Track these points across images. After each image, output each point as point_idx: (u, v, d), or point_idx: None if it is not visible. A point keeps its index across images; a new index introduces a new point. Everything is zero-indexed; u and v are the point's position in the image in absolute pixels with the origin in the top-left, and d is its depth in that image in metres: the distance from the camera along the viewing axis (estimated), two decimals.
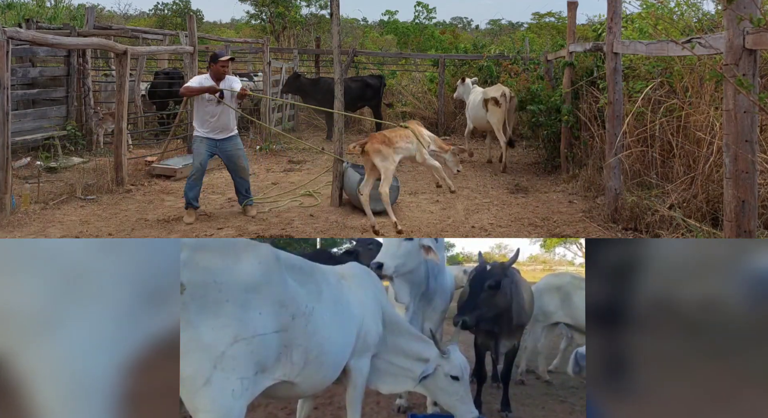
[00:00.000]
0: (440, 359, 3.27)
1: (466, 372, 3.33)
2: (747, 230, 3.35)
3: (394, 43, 17.91)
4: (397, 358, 3.35)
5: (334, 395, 4.19)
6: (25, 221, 5.84)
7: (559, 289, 4.94)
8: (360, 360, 3.17)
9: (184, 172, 7.91)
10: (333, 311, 2.88)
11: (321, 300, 2.81)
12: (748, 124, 3.29)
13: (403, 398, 4.10)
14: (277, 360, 2.53)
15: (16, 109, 7.97)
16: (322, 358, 2.74)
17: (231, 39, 15.63)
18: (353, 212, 6.46)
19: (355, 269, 3.44)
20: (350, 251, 4.95)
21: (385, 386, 3.39)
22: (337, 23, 6.59)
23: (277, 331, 2.49)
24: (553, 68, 9.37)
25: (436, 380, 3.26)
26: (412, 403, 4.14)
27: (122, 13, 24.94)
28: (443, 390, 3.27)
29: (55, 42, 6.92)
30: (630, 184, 6.02)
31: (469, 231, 5.91)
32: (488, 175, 8.50)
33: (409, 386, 3.35)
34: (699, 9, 7.00)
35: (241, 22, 24.64)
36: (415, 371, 3.30)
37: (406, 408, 4.05)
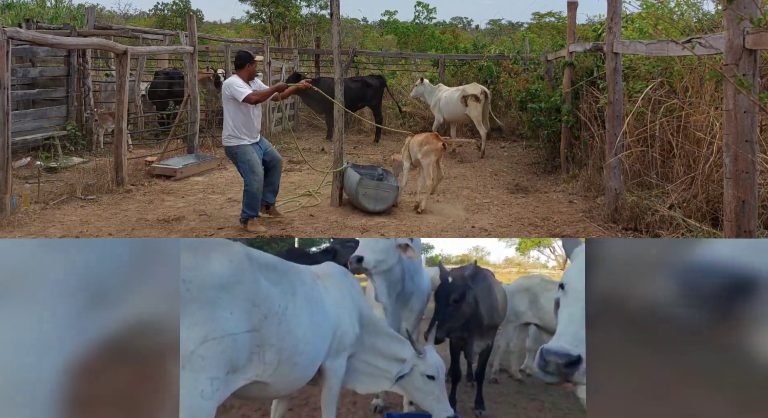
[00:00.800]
0: (416, 359, 3.30)
1: (442, 372, 3.37)
2: (747, 230, 3.35)
3: (394, 43, 17.91)
4: (374, 358, 3.36)
5: (310, 396, 4.17)
6: (25, 221, 5.84)
7: (528, 290, 5.18)
8: (336, 361, 3.16)
9: (184, 172, 7.92)
10: (308, 310, 2.86)
11: (295, 300, 2.78)
12: (748, 124, 3.30)
13: (380, 398, 4.13)
14: (249, 360, 2.49)
15: (16, 109, 7.97)
16: (296, 358, 2.71)
17: (231, 39, 15.63)
18: (353, 212, 6.46)
19: (331, 268, 3.43)
20: (328, 249, 4.90)
21: (362, 386, 3.39)
22: (337, 23, 6.59)
23: (248, 330, 2.45)
24: (553, 68, 9.38)
25: (413, 379, 3.30)
26: (389, 403, 4.17)
27: (122, 13, 24.97)
28: (419, 389, 3.31)
29: (55, 42, 6.92)
30: (630, 184, 6.02)
31: (470, 231, 5.91)
32: (488, 175, 8.51)
33: (386, 386, 3.37)
34: (699, 9, 7.01)
35: (241, 22, 24.65)
36: (391, 371, 3.31)
37: (382, 408, 4.08)
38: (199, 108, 9.33)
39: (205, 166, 8.46)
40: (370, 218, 6.26)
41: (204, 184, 7.66)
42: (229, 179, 8.00)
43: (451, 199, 7.05)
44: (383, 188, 6.43)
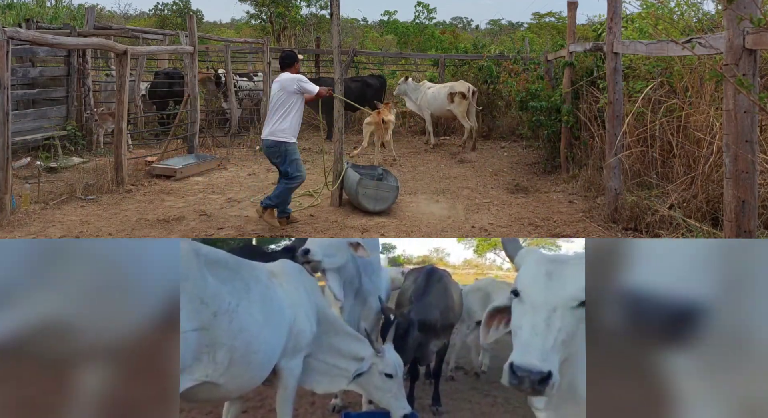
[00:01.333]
0: (375, 357, 3.30)
1: (400, 370, 3.38)
2: (747, 230, 3.35)
3: (394, 43, 17.92)
4: (332, 357, 3.34)
5: (266, 398, 4.10)
6: (25, 221, 5.84)
7: (480, 290, 5.39)
8: (291, 360, 3.11)
9: (184, 172, 7.92)
10: (262, 308, 2.80)
11: (248, 297, 2.72)
12: (748, 124, 3.29)
13: (338, 397, 4.13)
14: (198, 360, 2.43)
15: (16, 109, 7.96)
16: (249, 357, 2.66)
17: (231, 39, 15.63)
18: (353, 212, 6.46)
19: (287, 266, 3.37)
20: (288, 247, 4.83)
21: (320, 385, 3.36)
22: (337, 23, 6.59)
23: (195, 329, 2.40)
24: (553, 68, 9.38)
25: (371, 378, 3.29)
26: (348, 402, 4.16)
27: (122, 13, 24.95)
28: (378, 388, 3.31)
29: (55, 42, 6.92)
30: (630, 184, 6.01)
31: (470, 231, 5.91)
32: (488, 175, 8.51)
33: (344, 385, 3.35)
34: (699, 9, 7.01)
35: (241, 22, 24.65)
36: (350, 369, 3.30)
37: (341, 407, 4.08)
38: (199, 108, 9.33)
39: (205, 166, 8.46)
40: (370, 217, 6.27)
41: (204, 184, 7.66)
42: (229, 179, 8.00)
43: (451, 199, 7.05)
44: (383, 188, 6.43)
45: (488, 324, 2.33)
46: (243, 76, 12.42)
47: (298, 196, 7.07)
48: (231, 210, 6.48)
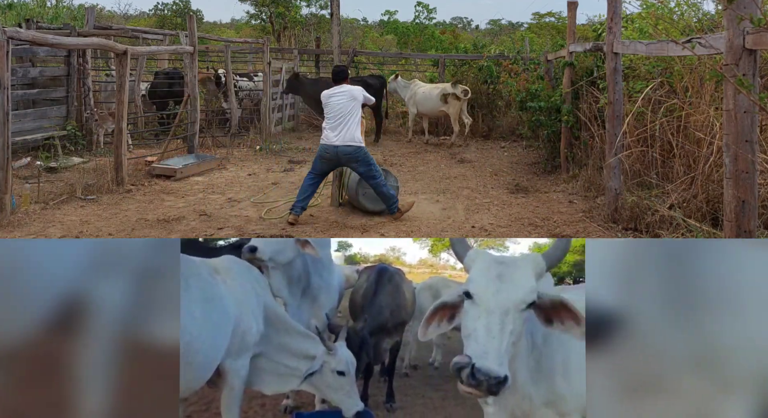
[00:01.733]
0: (327, 355, 3.21)
1: (353, 367, 3.30)
2: (747, 230, 3.35)
3: (394, 43, 17.91)
4: (282, 356, 3.24)
5: (211, 401, 3.98)
6: (25, 221, 5.84)
7: (431, 287, 5.46)
8: (237, 360, 3.01)
9: (184, 172, 7.92)
10: (203, 306, 2.72)
11: (188, 295, 2.63)
12: (748, 124, 3.29)
13: (290, 398, 4.04)
14: None
15: (16, 109, 7.96)
16: (189, 357, 2.57)
17: (231, 39, 15.64)
18: (353, 212, 6.46)
19: (231, 262, 3.25)
20: (236, 244, 4.73)
21: (269, 386, 3.27)
22: (337, 23, 6.59)
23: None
24: (553, 68, 9.38)
25: (323, 376, 3.21)
26: (300, 402, 4.08)
27: (122, 13, 24.97)
28: (330, 386, 3.22)
29: (55, 42, 6.92)
30: (630, 184, 6.01)
31: (470, 231, 5.91)
32: (488, 175, 8.51)
33: (295, 385, 3.25)
34: (699, 9, 7.00)
35: (241, 22, 24.68)
36: (300, 369, 3.20)
37: (293, 408, 3.99)
38: (199, 108, 9.33)
39: (205, 166, 8.46)
40: (370, 217, 6.27)
41: (204, 184, 7.66)
42: (229, 179, 8.00)
43: (451, 199, 7.05)
44: None
45: (429, 321, 2.38)
46: (243, 76, 12.43)
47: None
48: (231, 210, 6.48)
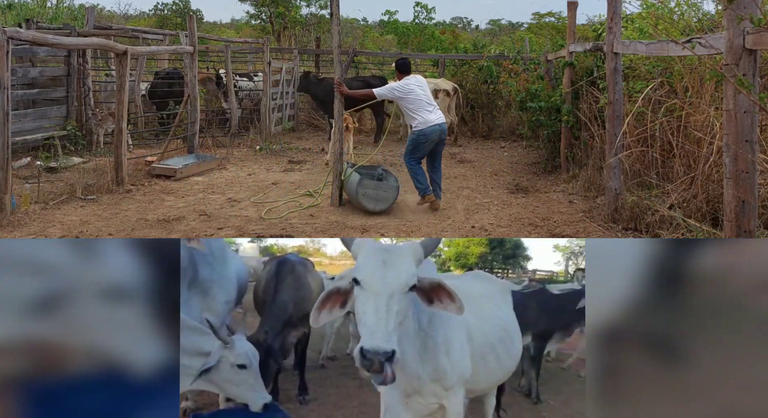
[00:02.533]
0: (223, 349, 3.06)
1: (255, 359, 3.15)
2: (747, 230, 3.35)
3: (394, 43, 17.91)
4: None
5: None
6: (25, 221, 5.84)
7: (342, 278, 5.37)
8: None
9: (184, 172, 7.92)
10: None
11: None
12: (748, 124, 3.29)
13: (189, 399, 3.85)
14: None
15: (16, 109, 7.96)
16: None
17: (231, 39, 15.64)
18: (353, 212, 6.46)
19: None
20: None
21: None
22: (337, 23, 6.59)
23: None
24: (553, 68, 9.38)
25: (221, 372, 3.05)
26: (202, 403, 3.91)
27: (122, 13, 24.97)
28: (230, 381, 3.07)
29: (55, 42, 6.92)
30: (630, 184, 6.01)
31: (470, 231, 5.91)
32: (488, 175, 8.51)
33: (188, 385, 3.07)
34: (699, 9, 7.01)
35: (241, 22, 24.68)
36: (194, 366, 3.03)
37: (193, 410, 3.80)
38: (199, 108, 9.33)
39: (205, 166, 8.46)
40: (370, 217, 6.27)
41: (204, 184, 7.66)
42: (229, 179, 8.00)
43: (451, 199, 7.05)
44: (383, 188, 6.43)
45: (321, 307, 2.46)
46: (243, 76, 12.43)
47: (298, 196, 7.08)
48: (231, 210, 6.48)
